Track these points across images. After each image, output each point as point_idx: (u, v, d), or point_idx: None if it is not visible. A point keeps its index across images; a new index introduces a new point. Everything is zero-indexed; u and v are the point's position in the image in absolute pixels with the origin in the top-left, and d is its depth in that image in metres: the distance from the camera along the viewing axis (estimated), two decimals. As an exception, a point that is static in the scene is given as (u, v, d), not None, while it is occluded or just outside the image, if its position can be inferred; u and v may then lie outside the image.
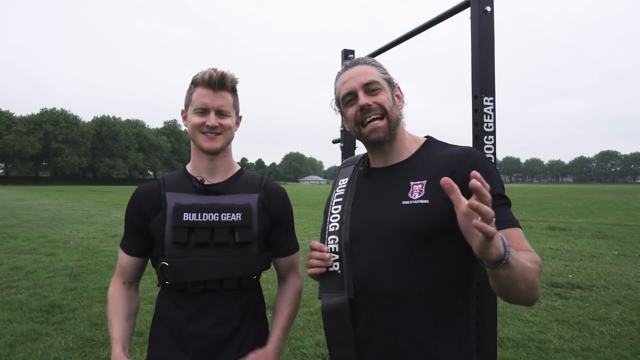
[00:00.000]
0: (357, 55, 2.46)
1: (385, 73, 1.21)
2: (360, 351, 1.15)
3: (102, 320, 4.26)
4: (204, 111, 1.33)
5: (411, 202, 1.10)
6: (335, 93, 1.26)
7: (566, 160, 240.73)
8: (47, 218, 13.92)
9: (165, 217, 1.32)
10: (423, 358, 1.08)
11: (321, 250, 1.19)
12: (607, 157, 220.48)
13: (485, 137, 1.54)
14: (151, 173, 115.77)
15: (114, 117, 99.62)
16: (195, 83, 1.35)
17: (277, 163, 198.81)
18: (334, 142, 2.61)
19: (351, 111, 1.19)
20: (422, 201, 1.08)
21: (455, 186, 0.86)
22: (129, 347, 1.38)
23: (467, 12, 1.56)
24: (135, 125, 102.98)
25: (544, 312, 4.52)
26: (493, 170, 1.10)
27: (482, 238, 0.80)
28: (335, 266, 1.18)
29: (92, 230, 10.94)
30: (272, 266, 1.51)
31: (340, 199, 1.27)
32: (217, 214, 1.32)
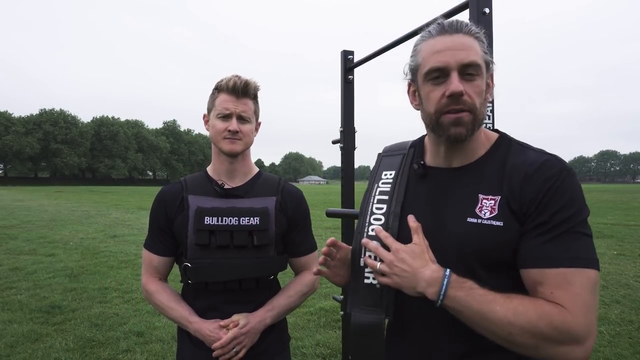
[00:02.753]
0: (356, 57, 2.46)
1: (487, 52, 0.95)
2: None
3: (102, 320, 4.26)
4: (226, 116, 1.39)
5: (480, 220, 0.91)
6: (415, 58, 0.98)
7: (565, 159, 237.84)
8: (46, 219, 13.91)
9: (187, 219, 1.39)
10: None
11: (333, 245, 1.04)
12: (606, 156, 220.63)
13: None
14: (150, 173, 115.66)
15: (113, 117, 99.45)
16: (219, 89, 1.42)
17: (277, 163, 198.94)
18: (334, 142, 2.62)
19: (436, 94, 0.93)
20: (494, 222, 0.89)
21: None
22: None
23: (466, 13, 1.57)
24: (135, 126, 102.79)
25: (543, 312, 4.53)
26: (567, 189, 0.88)
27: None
28: (373, 278, 0.99)
29: (91, 231, 10.94)
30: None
31: (385, 197, 1.05)
32: (237, 218, 1.39)
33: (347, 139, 2.46)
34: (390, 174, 1.09)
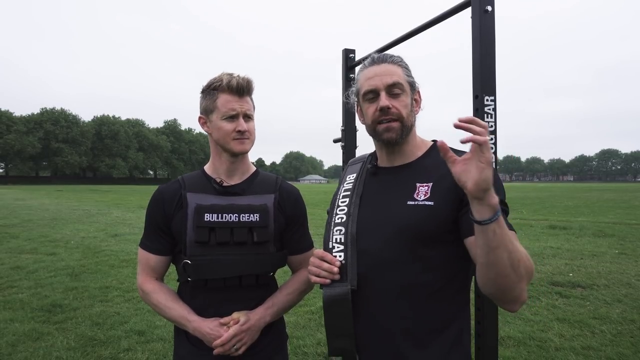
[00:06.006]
0: (357, 55, 2.46)
1: (410, 75, 1.22)
2: (359, 344, 1.17)
3: (104, 319, 4.27)
4: (233, 117, 1.38)
5: (416, 202, 1.12)
6: (356, 84, 1.27)
7: (567, 158, 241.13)
8: (47, 217, 13.93)
9: (186, 217, 1.38)
10: (419, 352, 1.11)
11: (331, 263, 1.17)
12: (607, 155, 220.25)
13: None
14: (151, 172, 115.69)
15: (113, 116, 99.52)
16: (218, 89, 1.38)
17: (277, 162, 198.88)
18: (335, 141, 2.61)
19: (371, 109, 1.20)
20: (427, 202, 1.11)
21: (447, 146, 0.93)
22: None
23: (468, 11, 1.56)
24: (135, 125, 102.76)
25: (545, 311, 4.53)
26: (494, 177, 1.11)
27: (477, 167, 0.85)
28: (340, 256, 1.19)
29: (92, 230, 10.95)
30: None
31: (348, 193, 1.30)
32: (237, 215, 1.39)
33: (348, 138, 2.45)
34: (353, 176, 1.35)
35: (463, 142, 0.86)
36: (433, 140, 1.29)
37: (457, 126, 0.87)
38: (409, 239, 1.11)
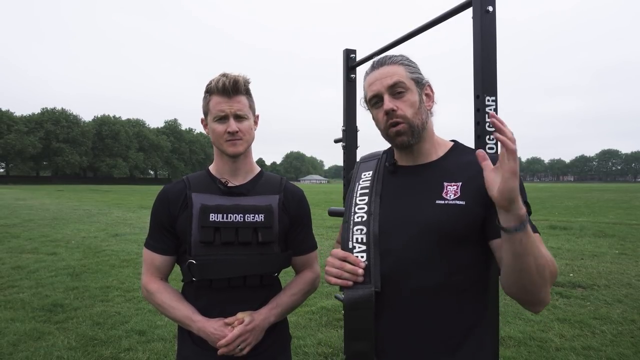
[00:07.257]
0: (358, 55, 2.46)
1: (414, 72, 1.19)
2: (378, 346, 1.13)
3: (104, 319, 4.27)
4: (222, 118, 1.38)
5: (446, 202, 1.11)
6: (363, 92, 1.26)
7: (567, 159, 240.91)
8: (48, 217, 13.93)
9: (191, 217, 1.38)
10: (447, 356, 1.09)
11: (355, 264, 1.12)
12: (608, 155, 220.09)
13: (487, 137, 1.54)
14: (152, 172, 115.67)
15: (114, 116, 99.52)
16: (210, 92, 1.40)
17: (278, 162, 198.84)
18: (336, 141, 2.61)
19: (379, 115, 1.19)
20: (458, 202, 1.09)
21: (485, 155, 0.96)
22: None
23: (469, 12, 1.56)
24: (136, 125, 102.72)
25: (545, 311, 4.52)
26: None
27: (502, 176, 0.89)
28: (362, 257, 1.14)
29: (93, 230, 10.96)
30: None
31: (366, 191, 1.25)
32: (242, 215, 1.39)
33: (349, 138, 2.45)
34: (369, 174, 1.31)
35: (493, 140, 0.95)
36: (452, 140, 1.29)
37: (491, 122, 0.92)
38: (436, 239, 1.09)
